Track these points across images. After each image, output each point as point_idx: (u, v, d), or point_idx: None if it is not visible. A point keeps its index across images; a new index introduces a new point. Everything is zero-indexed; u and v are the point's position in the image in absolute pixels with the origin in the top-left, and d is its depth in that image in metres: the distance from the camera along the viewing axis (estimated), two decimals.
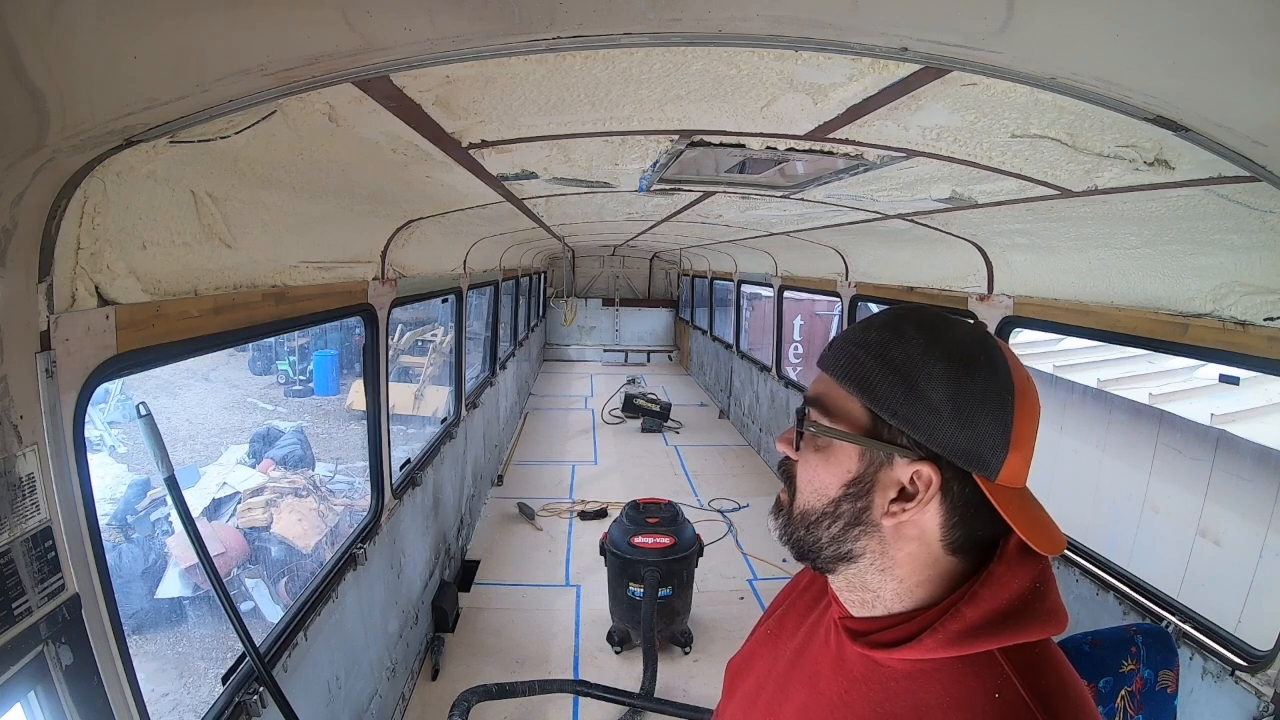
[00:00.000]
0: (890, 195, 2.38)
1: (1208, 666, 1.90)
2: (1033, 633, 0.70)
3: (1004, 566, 0.72)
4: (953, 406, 0.70)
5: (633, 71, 1.17)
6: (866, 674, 0.76)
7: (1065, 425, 6.22)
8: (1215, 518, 4.83)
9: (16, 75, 0.72)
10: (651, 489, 5.91)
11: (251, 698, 1.76)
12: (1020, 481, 0.72)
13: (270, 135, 1.28)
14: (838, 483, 0.75)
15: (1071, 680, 0.71)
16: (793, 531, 0.80)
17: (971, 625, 0.70)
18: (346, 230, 2.40)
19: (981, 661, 0.70)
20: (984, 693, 0.68)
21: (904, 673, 0.73)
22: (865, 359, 0.74)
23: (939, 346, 0.72)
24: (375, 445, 2.94)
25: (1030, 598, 0.71)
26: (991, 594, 0.71)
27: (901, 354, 0.72)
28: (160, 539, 7.05)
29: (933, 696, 0.71)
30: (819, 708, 0.79)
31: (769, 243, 5.63)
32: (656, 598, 3.59)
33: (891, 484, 0.73)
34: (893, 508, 0.73)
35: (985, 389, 0.70)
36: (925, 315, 0.76)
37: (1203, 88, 0.92)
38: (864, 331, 0.77)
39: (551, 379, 12.05)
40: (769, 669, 0.91)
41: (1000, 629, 0.69)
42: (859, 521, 0.75)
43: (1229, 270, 1.82)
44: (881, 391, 0.72)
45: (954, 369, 0.70)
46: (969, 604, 0.70)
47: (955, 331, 0.74)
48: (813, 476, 0.77)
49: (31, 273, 1.03)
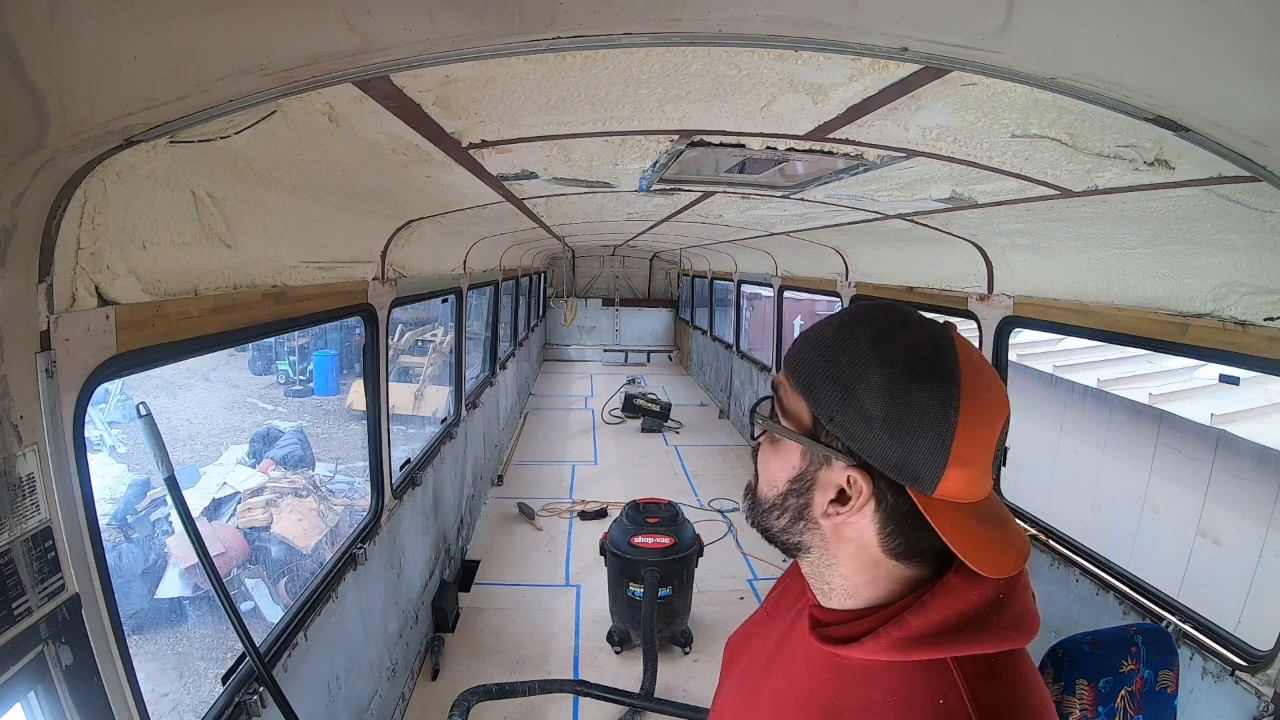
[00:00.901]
0: (890, 195, 2.38)
1: (1208, 666, 1.90)
2: (987, 645, 0.69)
3: (959, 578, 0.70)
4: (886, 418, 0.67)
5: (633, 71, 1.17)
6: (828, 665, 0.76)
7: (1065, 425, 6.22)
8: (1215, 518, 4.83)
9: (16, 75, 0.72)
10: (651, 489, 5.91)
11: (251, 698, 1.76)
12: (970, 496, 0.69)
13: (270, 135, 1.28)
14: (784, 477, 0.76)
15: (1027, 697, 0.69)
16: (754, 516, 0.82)
17: (915, 634, 0.69)
18: (346, 230, 2.40)
19: (934, 667, 0.69)
20: (929, 697, 0.68)
21: (860, 668, 0.73)
22: (815, 358, 0.73)
23: (884, 351, 0.69)
24: (375, 445, 2.94)
25: (988, 610, 0.70)
26: (941, 605, 0.70)
27: (846, 358, 0.71)
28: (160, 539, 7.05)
29: (882, 694, 0.71)
30: (790, 694, 0.80)
31: (769, 243, 5.63)
32: (656, 598, 3.59)
33: (831, 485, 0.73)
34: (830, 509, 0.73)
35: (925, 402, 0.66)
36: (882, 316, 0.73)
37: (1203, 88, 0.92)
38: (823, 329, 0.76)
39: (551, 379, 12.05)
40: (759, 650, 0.93)
41: (949, 640, 0.68)
42: (802, 517, 0.76)
43: (1229, 270, 1.82)
44: (821, 394, 0.71)
45: (894, 378, 0.68)
46: (915, 613, 0.70)
47: (910, 335, 0.70)
48: (765, 467, 0.79)
49: (31, 273, 1.03)
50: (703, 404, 10.13)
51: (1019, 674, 0.71)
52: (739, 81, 1.22)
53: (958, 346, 0.70)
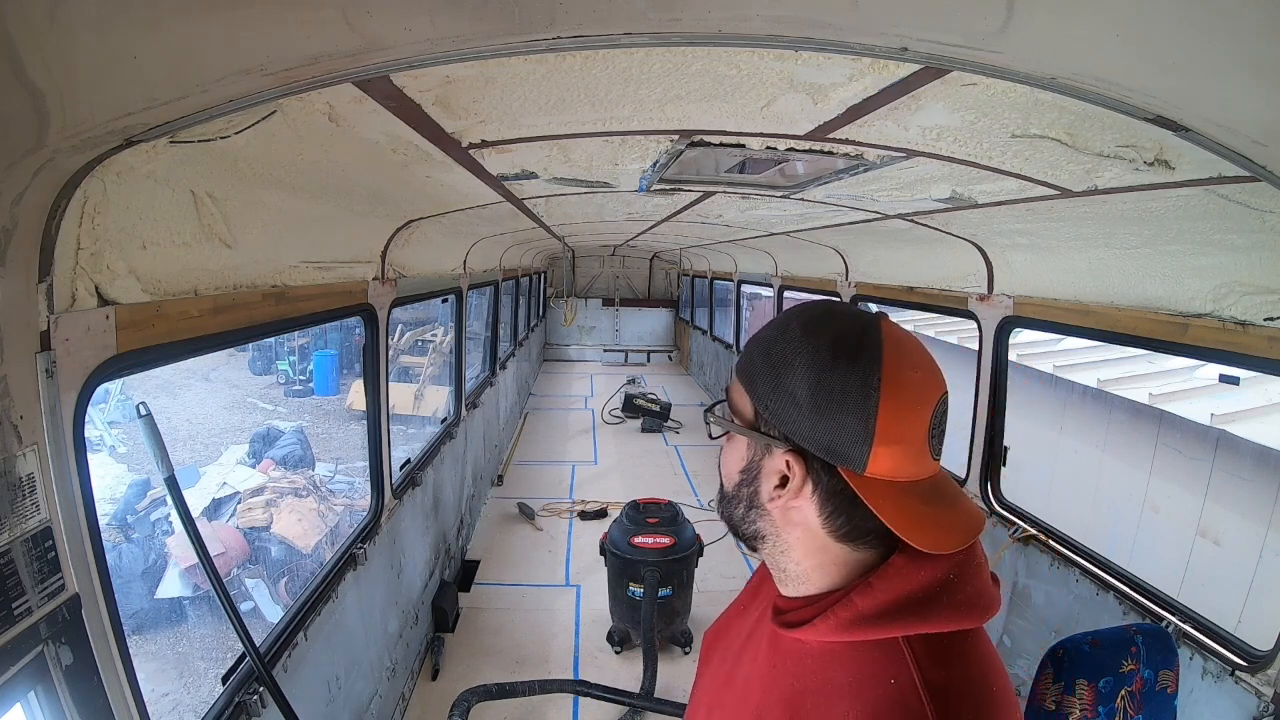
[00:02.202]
0: (890, 195, 2.38)
1: (1208, 666, 1.90)
2: (938, 624, 0.70)
3: (904, 558, 0.72)
4: (812, 401, 0.71)
5: (633, 71, 1.17)
6: (789, 650, 0.79)
7: (1065, 425, 6.22)
8: (1215, 518, 4.83)
9: (16, 75, 0.72)
10: (651, 489, 5.91)
11: (251, 698, 1.76)
12: (907, 475, 0.72)
13: (270, 135, 1.28)
14: (736, 468, 0.81)
15: (978, 677, 0.71)
16: (720, 508, 0.86)
17: (862, 614, 0.71)
18: (346, 230, 2.40)
19: (886, 647, 0.71)
20: (881, 677, 0.70)
21: (818, 652, 0.76)
22: (755, 354, 0.79)
23: (811, 341, 0.73)
24: (375, 445, 2.94)
25: (937, 590, 0.71)
26: (887, 585, 0.72)
27: (779, 350, 0.76)
28: (160, 539, 7.06)
29: (840, 675, 0.73)
30: (754, 680, 0.83)
31: (769, 243, 5.63)
32: (656, 598, 3.59)
33: (773, 471, 0.77)
34: (775, 493, 0.77)
35: (845, 383, 0.70)
36: (814, 311, 0.78)
37: (1203, 88, 0.92)
38: (765, 329, 0.81)
39: (551, 379, 12.05)
40: (733, 640, 0.96)
41: (898, 619, 0.70)
42: (754, 505, 0.80)
43: (1229, 270, 1.82)
44: (758, 385, 0.77)
45: (818, 363, 0.72)
46: (860, 593, 0.72)
47: (837, 326, 0.74)
48: (724, 461, 0.84)
49: (31, 273, 1.03)
50: (703, 404, 10.11)
51: (971, 654, 0.72)
52: (739, 81, 1.22)
53: (883, 331, 0.73)
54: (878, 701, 0.68)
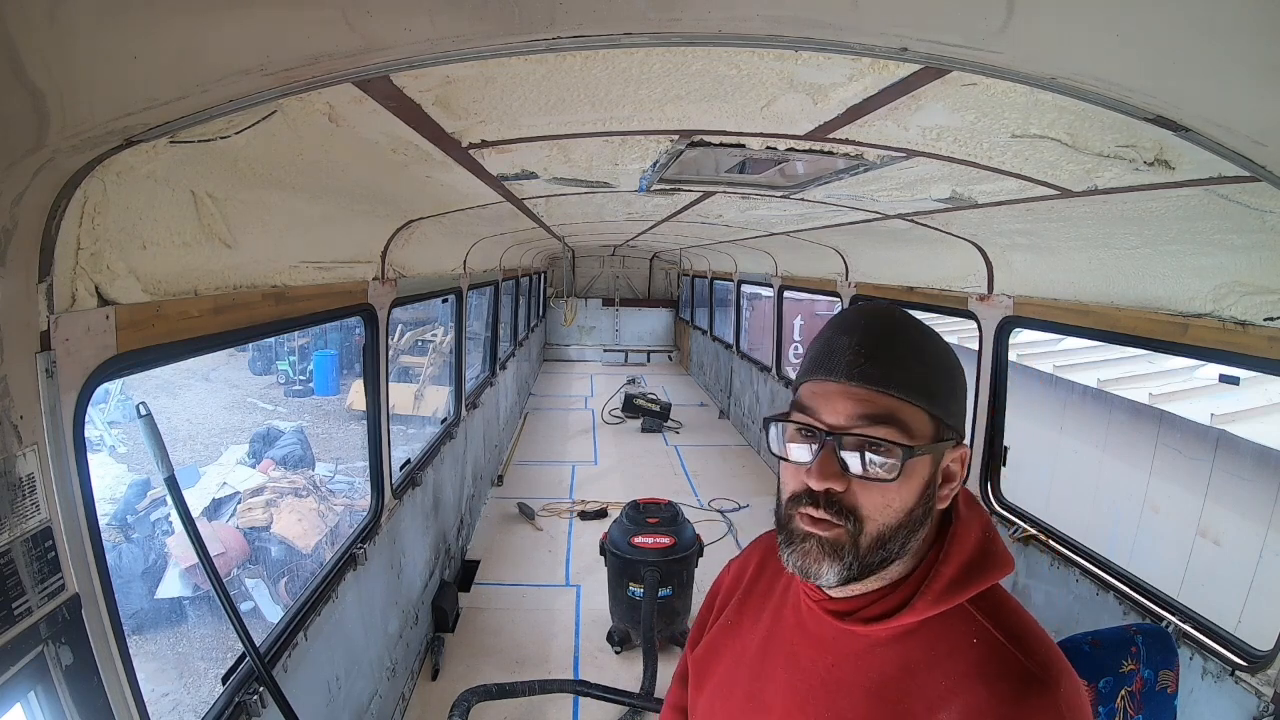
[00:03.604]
0: (890, 195, 2.38)
1: (1208, 666, 1.90)
2: (992, 576, 0.76)
3: (961, 525, 0.79)
4: (962, 382, 0.79)
5: (633, 71, 1.17)
6: (850, 647, 0.80)
7: (1065, 425, 6.22)
8: (1215, 518, 4.83)
9: (16, 75, 0.72)
10: (651, 489, 5.91)
11: (251, 698, 1.76)
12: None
13: (270, 135, 1.27)
14: (916, 493, 0.75)
15: (1030, 618, 0.77)
16: (862, 561, 0.74)
17: (949, 580, 0.75)
18: (346, 230, 2.40)
19: (955, 614, 0.75)
20: (964, 642, 0.74)
21: (888, 639, 0.78)
22: (914, 368, 0.75)
23: (930, 329, 0.79)
24: (375, 445, 2.94)
25: (985, 545, 0.78)
26: (959, 549, 0.77)
27: (932, 351, 0.78)
28: (160, 539, 7.05)
29: (919, 654, 0.75)
30: (807, 685, 0.82)
31: (769, 243, 5.63)
32: (656, 598, 3.59)
33: (943, 474, 0.78)
34: (943, 493, 0.79)
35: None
36: (890, 309, 0.81)
37: (1203, 88, 0.92)
38: (896, 343, 0.76)
39: (551, 379, 12.05)
40: (738, 656, 0.94)
41: (969, 579, 0.76)
42: (926, 518, 0.78)
43: (1229, 270, 1.82)
44: (936, 392, 0.76)
45: (945, 344, 0.79)
46: (943, 563, 0.76)
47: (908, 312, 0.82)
48: (892, 498, 0.74)
49: (31, 273, 1.03)
50: (703, 404, 10.13)
51: (1015, 602, 0.79)
52: (739, 81, 1.22)
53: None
54: (970, 665, 0.72)
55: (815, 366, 0.78)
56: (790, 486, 0.78)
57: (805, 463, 0.76)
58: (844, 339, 0.77)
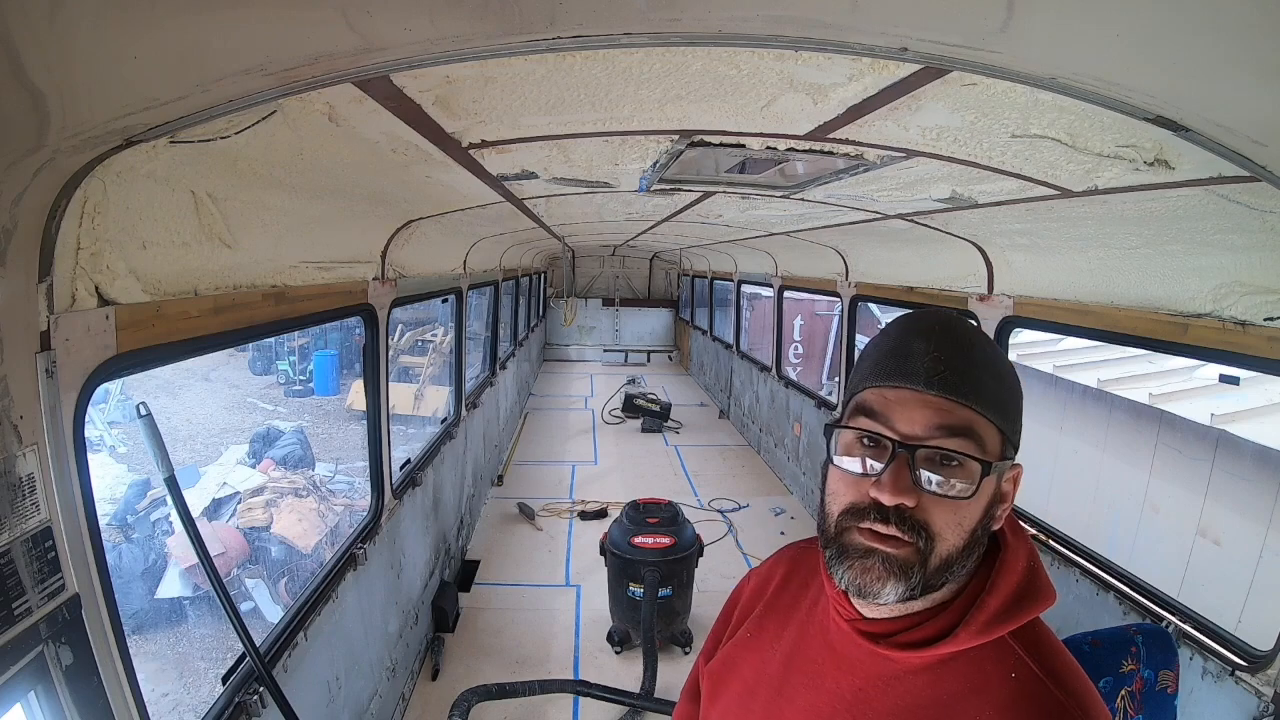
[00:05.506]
0: (890, 195, 2.37)
1: (1208, 666, 1.90)
2: (1037, 608, 0.72)
3: (1010, 552, 0.75)
4: (1021, 396, 0.76)
5: (633, 71, 1.17)
6: (879, 670, 0.76)
7: (1065, 425, 6.22)
8: (1215, 518, 4.83)
9: (16, 75, 0.72)
10: (651, 489, 5.91)
11: (251, 698, 1.76)
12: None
13: (270, 135, 1.27)
14: (982, 511, 0.71)
15: (1068, 654, 0.74)
16: (927, 581, 0.70)
17: (994, 612, 0.71)
18: (346, 230, 2.40)
19: (993, 647, 0.72)
20: (1001, 676, 0.70)
21: (921, 666, 0.74)
22: (991, 380, 0.72)
23: (996, 345, 0.77)
24: (375, 445, 2.94)
25: (1031, 576, 0.74)
26: (1005, 580, 0.73)
27: (1002, 364, 0.75)
28: (160, 539, 7.05)
29: (953, 685, 0.72)
30: (831, 708, 0.78)
31: (769, 243, 5.63)
32: (656, 598, 3.59)
33: (1000, 493, 0.74)
34: (997, 513, 0.74)
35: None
36: (949, 315, 0.78)
37: (1203, 88, 0.92)
38: (967, 348, 0.72)
39: (551, 379, 12.05)
40: (758, 672, 0.90)
41: (1014, 611, 0.72)
42: (985, 538, 0.74)
43: (1229, 270, 1.82)
44: (1008, 407, 0.73)
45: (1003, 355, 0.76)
46: (990, 593, 0.72)
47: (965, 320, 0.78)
48: (964, 516, 0.70)
49: (31, 273, 1.03)
50: (703, 404, 10.13)
51: (1055, 638, 0.76)
52: (739, 81, 1.22)
53: None
54: (1006, 700, 0.69)
55: (886, 371, 0.72)
56: (847, 497, 0.72)
57: (871, 474, 0.70)
58: (920, 343, 0.71)
